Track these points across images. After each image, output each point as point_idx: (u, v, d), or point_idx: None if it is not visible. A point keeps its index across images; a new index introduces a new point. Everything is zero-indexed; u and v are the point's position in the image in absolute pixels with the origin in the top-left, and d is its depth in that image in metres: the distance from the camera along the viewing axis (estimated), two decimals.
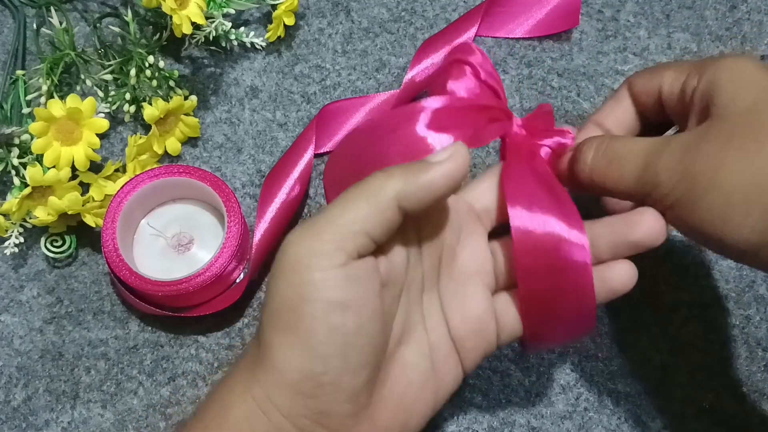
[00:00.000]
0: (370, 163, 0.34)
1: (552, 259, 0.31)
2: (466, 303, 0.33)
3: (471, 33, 0.49)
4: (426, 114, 0.33)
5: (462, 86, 0.35)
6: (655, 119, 0.36)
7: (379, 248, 0.30)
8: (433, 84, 0.37)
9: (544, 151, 0.36)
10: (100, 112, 0.45)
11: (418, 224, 0.33)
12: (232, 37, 0.48)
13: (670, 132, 0.37)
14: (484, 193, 0.35)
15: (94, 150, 0.43)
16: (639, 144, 0.32)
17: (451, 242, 0.34)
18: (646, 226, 0.31)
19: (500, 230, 0.36)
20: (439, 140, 0.32)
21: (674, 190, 0.29)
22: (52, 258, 0.44)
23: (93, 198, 0.43)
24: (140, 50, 0.45)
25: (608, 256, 0.32)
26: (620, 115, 0.36)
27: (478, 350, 0.33)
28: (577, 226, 0.32)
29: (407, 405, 0.31)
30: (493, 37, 0.51)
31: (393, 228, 0.29)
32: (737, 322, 0.43)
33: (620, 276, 0.32)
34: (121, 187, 0.42)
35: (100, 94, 0.46)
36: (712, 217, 0.29)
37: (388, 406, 0.31)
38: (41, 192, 0.42)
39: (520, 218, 0.32)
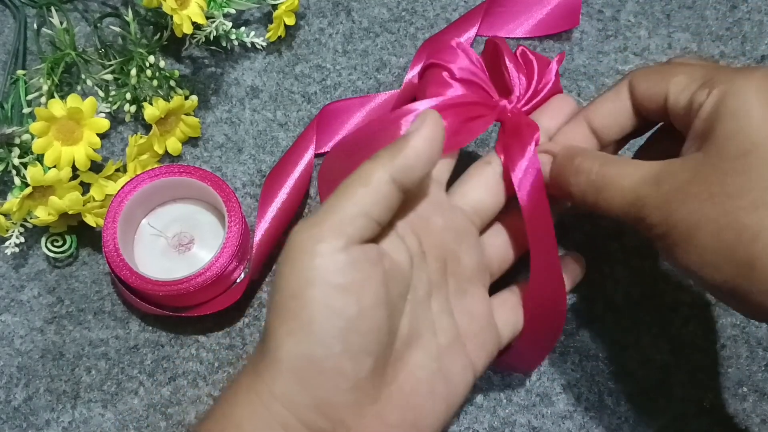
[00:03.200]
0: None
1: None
2: (473, 304, 0.34)
3: (471, 33, 0.49)
4: (412, 117, 0.34)
5: (444, 92, 0.36)
6: (654, 120, 0.35)
7: (380, 246, 0.31)
8: (419, 92, 0.37)
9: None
10: (101, 112, 0.45)
11: (418, 229, 0.33)
12: (233, 36, 0.48)
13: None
14: (470, 193, 0.36)
15: (94, 150, 0.43)
16: (628, 176, 0.32)
17: (454, 247, 0.34)
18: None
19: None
20: None
21: (657, 227, 0.30)
22: (53, 258, 0.44)
23: (94, 198, 0.43)
24: (141, 50, 0.45)
25: None
26: (615, 114, 0.35)
27: (486, 349, 0.34)
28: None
29: (416, 404, 0.31)
30: (494, 37, 0.51)
31: (393, 206, 0.30)
32: (738, 322, 0.43)
33: None
34: (122, 187, 0.42)
35: (101, 93, 0.46)
36: (687, 262, 0.30)
37: (395, 404, 0.31)
38: (42, 192, 0.42)
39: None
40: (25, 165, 0.43)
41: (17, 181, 0.43)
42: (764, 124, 0.28)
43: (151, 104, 0.44)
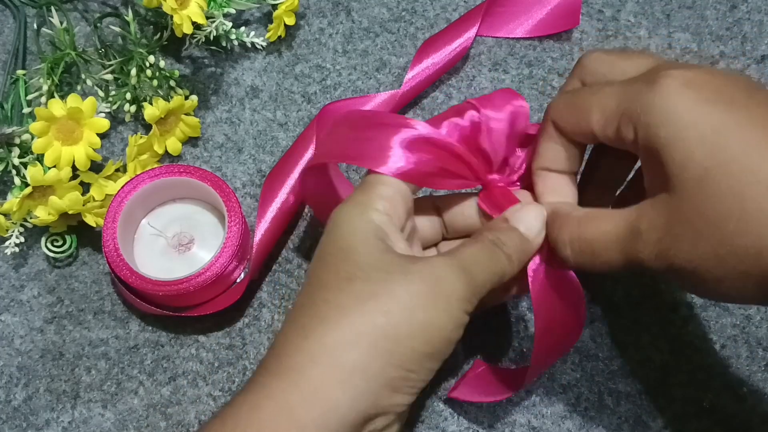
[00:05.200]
0: (351, 146, 0.35)
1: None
2: None
3: (471, 33, 0.49)
4: (408, 132, 0.34)
5: (457, 129, 0.36)
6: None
7: None
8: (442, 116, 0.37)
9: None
10: (101, 112, 0.45)
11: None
12: (233, 36, 0.48)
13: None
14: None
15: (94, 150, 0.43)
16: (611, 229, 0.31)
17: None
18: None
19: None
20: (399, 156, 0.34)
21: (665, 275, 0.30)
22: (53, 258, 0.44)
23: (93, 198, 0.43)
24: (141, 50, 0.45)
25: None
26: (562, 154, 0.34)
27: None
28: None
29: None
30: (494, 37, 0.51)
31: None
32: (738, 322, 0.43)
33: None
34: (122, 187, 0.42)
35: (101, 93, 0.46)
36: (711, 294, 0.30)
37: None
38: (42, 192, 0.42)
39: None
40: (25, 165, 0.43)
41: (17, 180, 0.43)
42: (701, 143, 0.27)
43: (151, 104, 0.44)
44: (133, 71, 0.45)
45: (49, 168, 0.42)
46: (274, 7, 0.49)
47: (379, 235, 0.32)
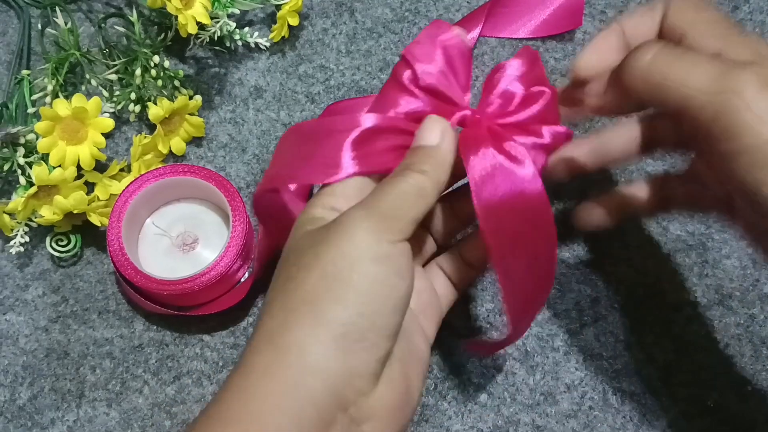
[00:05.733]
0: (304, 157, 0.34)
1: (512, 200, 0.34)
2: (416, 281, 0.36)
3: (474, 33, 0.49)
4: (353, 133, 0.34)
5: (403, 99, 0.35)
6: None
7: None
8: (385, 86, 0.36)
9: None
10: (105, 112, 0.45)
11: None
12: (237, 37, 0.48)
13: None
14: None
15: (99, 149, 0.43)
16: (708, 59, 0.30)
17: None
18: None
19: None
20: (348, 162, 0.34)
21: (740, 144, 0.29)
22: (58, 257, 0.44)
23: (98, 197, 0.43)
24: (145, 50, 0.45)
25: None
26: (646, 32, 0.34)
27: (433, 319, 0.37)
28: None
29: (406, 378, 0.33)
30: (497, 38, 0.51)
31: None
32: (741, 321, 0.43)
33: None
34: (126, 187, 0.42)
35: (105, 93, 0.46)
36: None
37: (390, 384, 0.32)
38: (47, 191, 0.42)
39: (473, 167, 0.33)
40: (30, 164, 0.43)
41: (22, 180, 0.43)
42: None
43: (155, 104, 0.44)
44: (138, 71, 0.45)
45: (54, 167, 0.42)
46: (278, 7, 0.49)
47: (312, 223, 0.33)
